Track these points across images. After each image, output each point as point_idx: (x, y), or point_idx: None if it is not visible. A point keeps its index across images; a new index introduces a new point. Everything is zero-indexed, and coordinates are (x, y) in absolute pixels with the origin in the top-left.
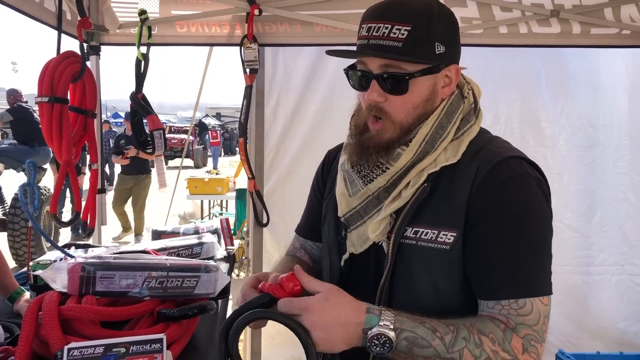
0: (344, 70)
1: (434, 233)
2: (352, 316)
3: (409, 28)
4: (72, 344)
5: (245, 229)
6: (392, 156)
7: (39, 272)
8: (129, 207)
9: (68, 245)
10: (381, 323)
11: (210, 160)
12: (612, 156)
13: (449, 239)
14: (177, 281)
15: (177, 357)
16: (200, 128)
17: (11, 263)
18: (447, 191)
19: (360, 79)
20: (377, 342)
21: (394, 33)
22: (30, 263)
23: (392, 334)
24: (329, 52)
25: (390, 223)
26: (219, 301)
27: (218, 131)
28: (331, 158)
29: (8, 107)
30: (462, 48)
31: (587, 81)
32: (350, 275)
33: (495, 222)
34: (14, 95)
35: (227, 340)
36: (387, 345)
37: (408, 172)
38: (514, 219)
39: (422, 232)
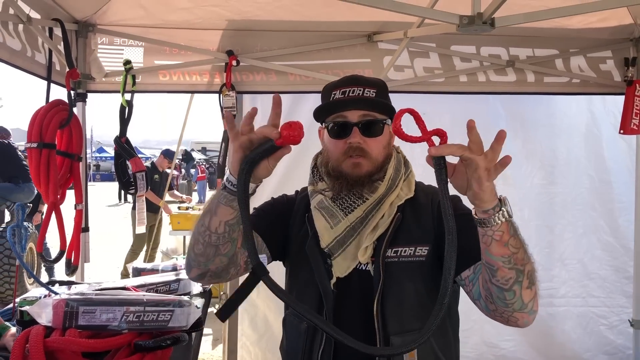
0: (325, 124)
1: (411, 250)
2: None
3: (375, 90)
4: None
5: None
6: (372, 188)
7: (26, 308)
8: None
9: (52, 282)
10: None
11: (195, 195)
12: (570, 194)
13: (424, 252)
14: (152, 315)
15: None
16: (187, 159)
17: None
18: (414, 217)
19: (339, 129)
20: (508, 204)
21: (367, 93)
22: (17, 299)
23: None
24: (316, 112)
25: (373, 248)
26: (192, 334)
27: (203, 166)
28: (295, 200)
29: None
30: (427, 95)
31: (544, 123)
32: (339, 296)
33: (463, 225)
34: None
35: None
36: (511, 211)
37: (379, 204)
38: (465, 222)
39: (401, 250)
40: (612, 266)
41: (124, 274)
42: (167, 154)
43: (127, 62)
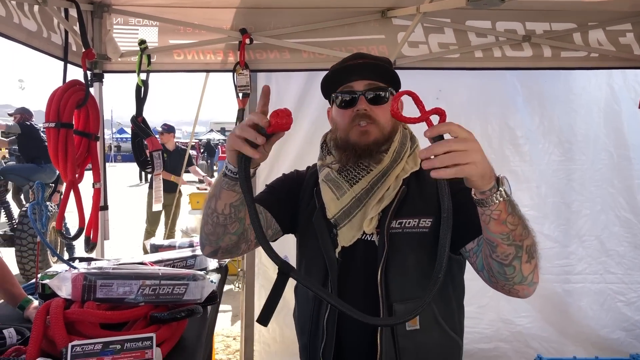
0: (333, 95)
1: (415, 221)
2: None
3: (379, 62)
4: (75, 342)
5: None
6: (377, 159)
7: (46, 282)
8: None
9: (73, 259)
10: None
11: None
12: (588, 170)
13: (428, 224)
14: (168, 288)
15: (166, 355)
16: (208, 150)
17: (19, 277)
18: (419, 190)
19: (346, 99)
20: (506, 183)
21: (371, 62)
22: (39, 274)
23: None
24: (323, 86)
25: (378, 219)
26: (208, 307)
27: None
28: (304, 176)
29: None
30: (442, 71)
31: (562, 99)
32: (344, 264)
33: (465, 199)
34: (21, 114)
35: None
36: (509, 190)
37: (383, 176)
38: (467, 195)
39: (406, 222)
40: (630, 243)
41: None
42: (168, 130)
43: (142, 42)
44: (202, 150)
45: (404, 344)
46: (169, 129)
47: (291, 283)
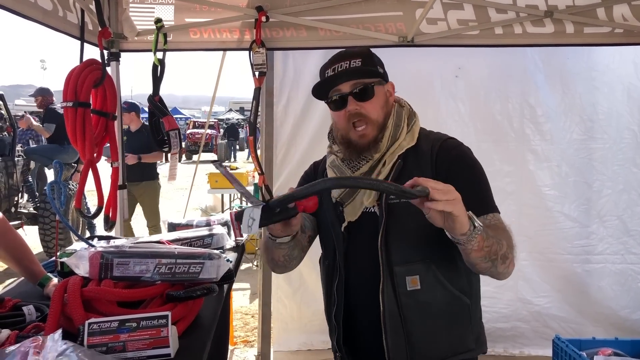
0: (325, 102)
1: None
2: None
3: (360, 59)
4: (92, 320)
5: None
6: (376, 148)
7: (64, 260)
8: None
9: (92, 237)
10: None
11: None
12: (611, 149)
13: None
14: (184, 267)
15: (182, 333)
16: (229, 132)
17: (42, 255)
18: (416, 162)
19: (338, 102)
20: (477, 218)
21: (352, 64)
22: (58, 253)
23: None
24: (315, 94)
25: (377, 193)
26: (224, 286)
27: None
28: (318, 168)
29: (38, 109)
30: (462, 48)
31: (584, 77)
32: (351, 237)
33: (459, 170)
34: (42, 97)
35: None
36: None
37: (382, 157)
38: (468, 167)
39: None
40: None
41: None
42: (128, 108)
43: (159, 21)
44: (222, 131)
45: (406, 301)
46: (129, 108)
47: (313, 269)
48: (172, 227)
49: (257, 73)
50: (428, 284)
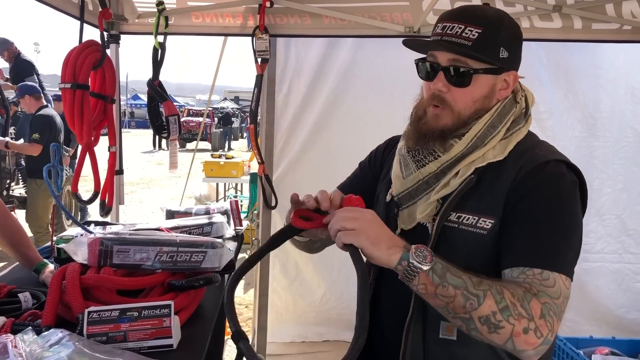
0: (415, 61)
1: (474, 219)
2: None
3: (480, 30)
4: (92, 308)
5: (256, 211)
6: (446, 146)
7: (62, 246)
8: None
9: (88, 223)
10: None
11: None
12: (612, 147)
13: (487, 225)
14: (186, 256)
15: (184, 323)
16: (224, 120)
17: (33, 240)
18: (492, 184)
19: (428, 70)
20: (419, 254)
21: (466, 33)
22: (54, 238)
23: (426, 266)
24: (405, 42)
25: (436, 207)
26: (226, 276)
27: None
28: (392, 143)
29: (8, 62)
30: None
31: (588, 74)
32: None
33: (528, 207)
34: (6, 50)
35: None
36: (423, 262)
37: (457, 162)
38: (545, 205)
39: (464, 217)
40: None
41: None
42: (28, 90)
43: (160, 3)
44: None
45: (435, 350)
46: (30, 89)
47: (309, 261)
48: (171, 214)
49: (259, 60)
50: (467, 336)
